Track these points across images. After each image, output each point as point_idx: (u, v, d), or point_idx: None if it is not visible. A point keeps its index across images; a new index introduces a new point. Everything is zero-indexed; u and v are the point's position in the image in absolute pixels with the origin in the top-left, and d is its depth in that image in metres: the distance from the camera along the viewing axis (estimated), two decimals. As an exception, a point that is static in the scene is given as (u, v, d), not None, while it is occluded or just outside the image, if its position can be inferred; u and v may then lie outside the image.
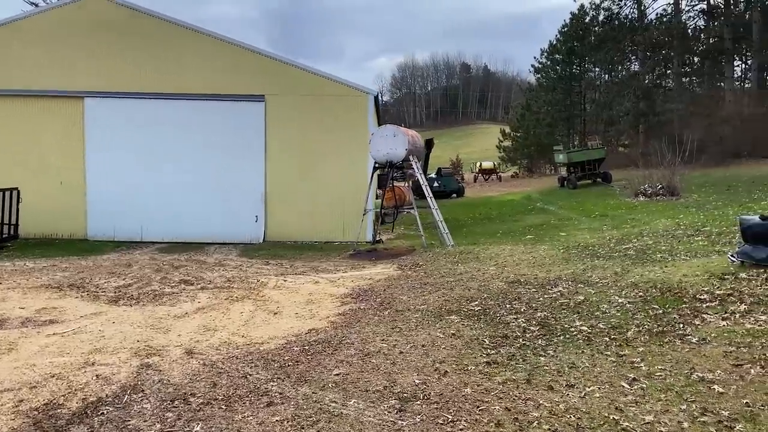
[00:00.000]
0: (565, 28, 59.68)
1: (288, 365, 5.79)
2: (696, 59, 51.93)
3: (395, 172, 17.42)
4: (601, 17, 52.70)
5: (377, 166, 16.67)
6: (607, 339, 6.02)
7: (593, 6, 52.68)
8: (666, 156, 24.16)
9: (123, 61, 18.24)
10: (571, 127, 61.69)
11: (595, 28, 54.09)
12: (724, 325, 6.00)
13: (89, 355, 6.26)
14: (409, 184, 18.83)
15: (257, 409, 4.70)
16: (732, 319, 6.10)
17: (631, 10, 51.07)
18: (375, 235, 17.45)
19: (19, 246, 16.09)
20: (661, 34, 47.55)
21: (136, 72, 18.23)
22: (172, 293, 9.86)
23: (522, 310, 7.45)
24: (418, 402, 4.68)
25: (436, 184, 36.72)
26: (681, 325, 6.20)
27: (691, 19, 49.57)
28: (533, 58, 77.20)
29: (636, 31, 49.26)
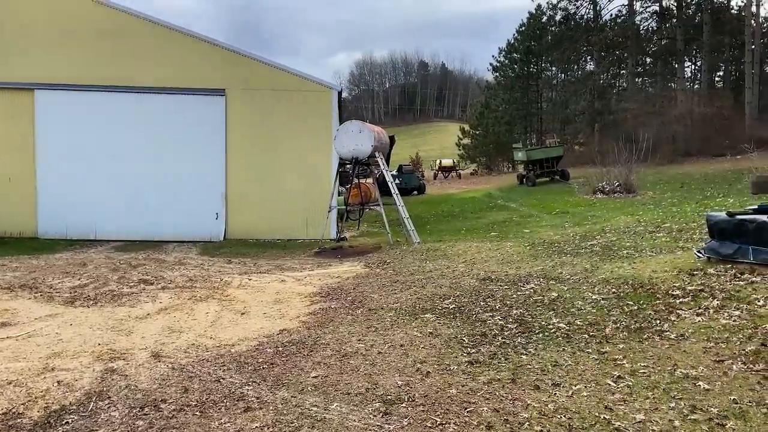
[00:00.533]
0: (523, 28, 60.45)
1: (263, 368, 5.55)
2: (649, 60, 53.47)
3: (360, 168, 17.21)
4: (558, 17, 53.64)
5: (342, 162, 16.44)
6: (586, 336, 5.98)
7: (550, 6, 53.56)
8: (623, 154, 24.66)
9: (76, 52, 17.46)
10: (529, 125, 62.57)
11: (552, 28, 54.96)
12: (700, 320, 6.04)
13: (48, 359, 5.89)
14: (374, 180, 18.64)
15: (234, 415, 4.46)
16: (706, 315, 6.15)
17: (587, 11, 52.14)
18: (339, 232, 17.22)
19: (-37, 245, 15.30)
20: (615, 34, 48.75)
21: (91, 64, 17.48)
22: (131, 293, 9.46)
23: (497, 307, 7.37)
24: (403, 404, 4.52)
25: (397, 181, 36.47)
26: (657, 321, 6.21)
27: (644, 21, 51.00)
28: (492, 56, 78.14)
29: (591, 32, 50.35)
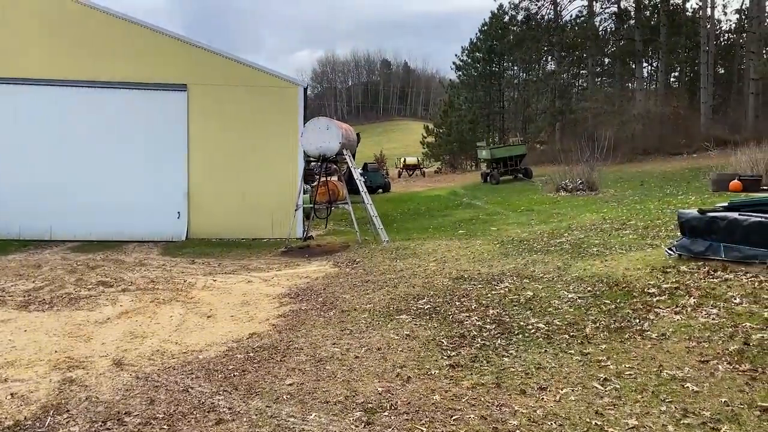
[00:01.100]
0: (485, 27, 60.84)
1: (233, 375, 5.25)
2: (608, 60, 54.53)
3: (327, 166, 16.90)
4: (519, 17, 54.11)
5: (309, 160, 16.11)
6: (566, 336, 5.86)
7: (512, 6, 54.01)
8: (585, 152, 24.95)
9: (29, 44, 16.65)
10: (492, 124, 63.07)
11: (514, 28, 55.43)
12: (679, 319, 5.99)
13: (0, 369, 5.48)
14: (339, 178, 18.36)
15: (205, 428, 4.17)
16: (685, 313, 6.11)
17: (548, 11, 52.78)
18: (306, 231, 16.89)
19: None
20: (576, 35, 49.53)
21: (46, 57, 16.68)
22: (89, 296, 9.03)
23: (473, 307, 7.22)
24: (386, 413, 4.30)
25: (362, 179, 36.34)
26: (637, 320, 6.14)
27: (603, 21, 51.95)
28: (455, 56, 78.42)
29: (553, 32, 51.03)
